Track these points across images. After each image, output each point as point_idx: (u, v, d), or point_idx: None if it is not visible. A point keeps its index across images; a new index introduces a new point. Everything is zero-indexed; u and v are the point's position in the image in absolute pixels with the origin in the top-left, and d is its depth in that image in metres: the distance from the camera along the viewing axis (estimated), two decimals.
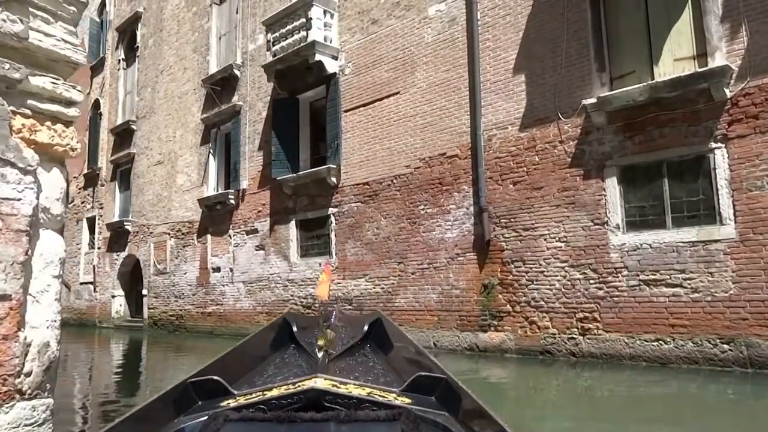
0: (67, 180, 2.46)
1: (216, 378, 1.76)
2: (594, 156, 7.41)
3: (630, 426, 4.65)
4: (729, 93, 6.37)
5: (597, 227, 7.30)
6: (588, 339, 7.24)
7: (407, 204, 9.54)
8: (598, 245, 7.26)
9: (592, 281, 7.27)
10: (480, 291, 8.40)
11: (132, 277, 17.19)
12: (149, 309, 15.73)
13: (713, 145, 6.46)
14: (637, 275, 6.88)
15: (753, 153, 6.18)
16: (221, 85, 13.87)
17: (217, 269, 13.53)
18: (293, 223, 11.61)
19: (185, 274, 14.58)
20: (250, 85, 13.12)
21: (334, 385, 1.54)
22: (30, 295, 2.22)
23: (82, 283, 18.99)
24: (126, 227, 16.89)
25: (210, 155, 14.26)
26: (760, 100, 6.20)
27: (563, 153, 7.69)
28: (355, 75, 10.65)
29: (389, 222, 9.77)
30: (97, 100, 19.44)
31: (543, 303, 7.71)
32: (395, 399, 1.58)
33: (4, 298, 2.06)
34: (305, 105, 11.88)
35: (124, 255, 17.10)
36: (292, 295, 11.43)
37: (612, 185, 7.23)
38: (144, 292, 16.02)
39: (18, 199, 2.14)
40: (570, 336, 7.40)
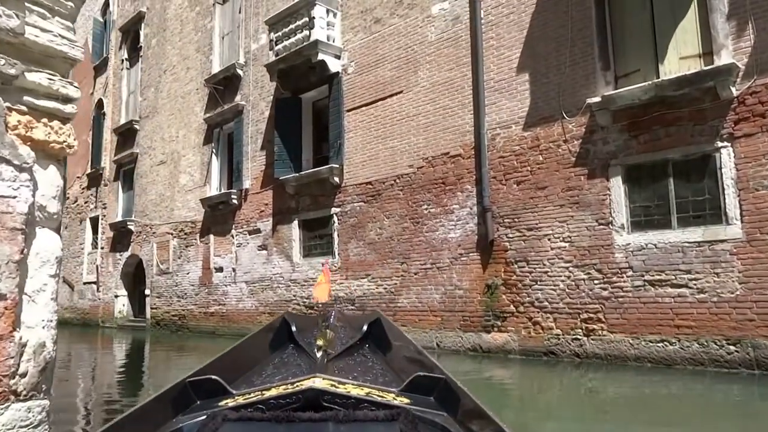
0: (64, 178, 2.43)
1: (214, 377, 1.75)
2: (599, 155, 7.36)
3: (635, 428, 4.61)
4: (735, 91, 6.31)
5: (601, 227, 7.25)
6: (592, 340, 7.19)
7: (410, 204, 9.50)
8: (602, 245, 7.21)
9: (596, 281, 7.22)
10: (483, 291, 8.35)
11: (135, 277, 17.22)
12: (152, 309, 15.74)
13: (719, 144, 6.40)
14: (642, 275, 6.82)
15: (760, 152, 6.12)
16: (224, 85, 13.87)
17: (220, 269, 13.52)
18: (296, 223, 11.58)
19: (188, 274, 14.58)
20: (252, 85, 13.11)
21: (332, 385, 1.53)
22: (26, 295, 2.19)
23: (85, 283, 19.04)
24: (129, 227, 16.93)
25: (213, 155, 14.25)
26: (767, 98, 6.13)
27: (567, 152, 7.64)
28: (358, 74, 10.62)
29: (392, 222, 9.73)
30: (101, 99, 19.48)
31: (547, 303, 7.66)
32: (394, 399, 1.57)
33: None
34: (308, 104, 11.86)
35: (127, 255, 17.13)
36: (294, 296, 11.40)
37: (617, 185, 7.17)
38: (147, 292, 16.04)
39: (13, 197, 2.11)
40: (574, 337, 7.35)
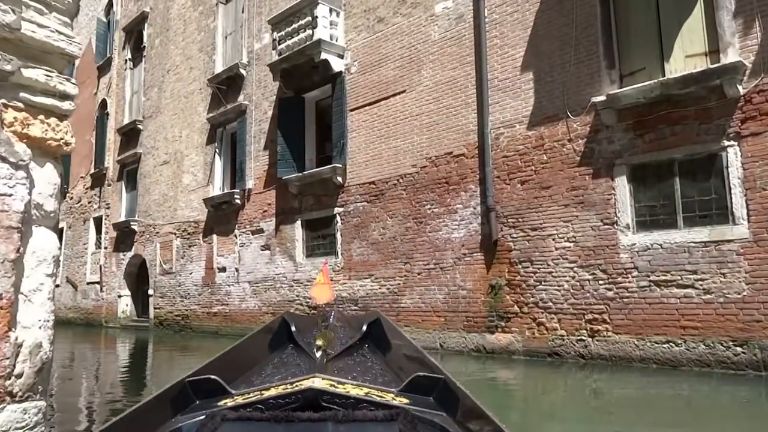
0: (62, 175, 2.39)
1: (213, 377, 1.74)
2: (603, 154, 7.30)
3: (640, 429, 4.57)
4: (742, 90, 6.24)
5: (606, 227, 7.19)
6: (597, 341, 7.13)
7: (413, 203, 9.45)
8: (607, 245, 7.15)
9: (601, 282, 7.16)
10: (487, 292, 8.30)
11: (138, 277, 17.23)
12: (155, 309, 15.73)
13: (726, 143, 6.33)
14: (648, 276, 6.76)
15: (767, 151, 6.05)
16: (227, 85, 13.86)
17: (223, 269, 13.50)
18: (299, 223, 11.55)
19: (191, 274, 14.57)
20: (255, 85, 13.09)
21: (331, 385, 1.53)
22: (22, 294, 2.16)
23: (88, 283, 19.07)
24: (132, 227, 16.94)
25: (216, 155, 14.24)
26: None
27: (572, 152, 7.58)
28: (361, 73, 10.58)
29: (395, 222, 9.68)
30: (104, 99, 19.51)
31: (551, 304, 7.61)
32: (393, 399, 1.57)
33: None
34: (311, 104, 11.83)
35: (130, 255, 17.14)
36: (297, 296, 11.37)
37: (622, 184, 7.11)
38: (150, 291, 16.04)
39: (9, 195, 2.08)
40: (579, 338, 7.29)
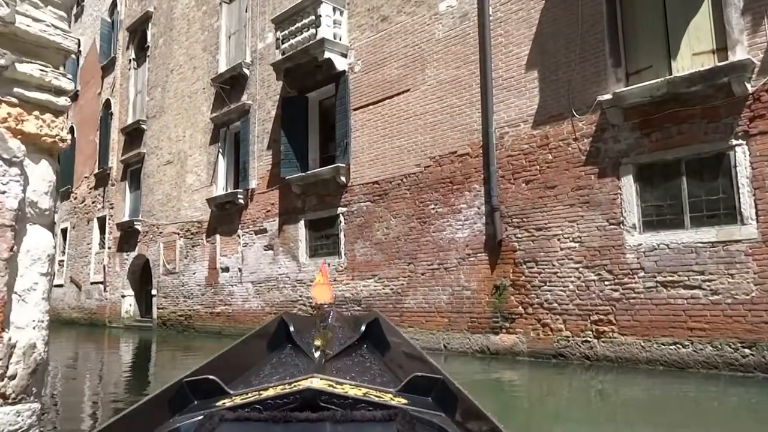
0: (57, 173, 2.35)
1: (212, 377, 1.73)
2: (609, 154, 7.22)
3: (645, 431, 4.48)
4: (750, 88, 6.16)
5: (612, 227, 7.11)
6: (603, 342, 7.05)
7: (417, 203, 9.39)
8: (613, 245, 7.07)
9: (607, 283, 7.08)
10: (491, 292, 8.24)
11: (141, 277, 17.23)
12: (158, 309, 15.73)
13: (734, 142, 6.25)
14: (654, 276, 6.68)
15: None
16: (230, 84, 13.84)
17: (226, 269, 13.47)
18: (302, 223, 11.51)
19: (194, 274, 14.55)
20: (259, 84, 13.06)
21: (330, 385, 1.51)
22: (15, 294, 2.12)
23: (92, 283, 19.09)
24: (136, 227, 16.94)
25: (219, 155, 14.22)
26: None
27: (577, 151, 7.51)
28: (365, 73, 10.53)
29: (399, 222, 9.63)
30: (108, 99, 19.53)
31: (556, 305, 7.53)
32: (391, 399, 1.55)
33: None
34: (314, 103, 11.79)
35: (134, 255, 17.14)
36: (300, 296, 11.32)
37: (628, 184, 7.03)
38: (153, 292, 16.04)
39: (2, 192, 2.04)
40: (584, 339, 7.22)
